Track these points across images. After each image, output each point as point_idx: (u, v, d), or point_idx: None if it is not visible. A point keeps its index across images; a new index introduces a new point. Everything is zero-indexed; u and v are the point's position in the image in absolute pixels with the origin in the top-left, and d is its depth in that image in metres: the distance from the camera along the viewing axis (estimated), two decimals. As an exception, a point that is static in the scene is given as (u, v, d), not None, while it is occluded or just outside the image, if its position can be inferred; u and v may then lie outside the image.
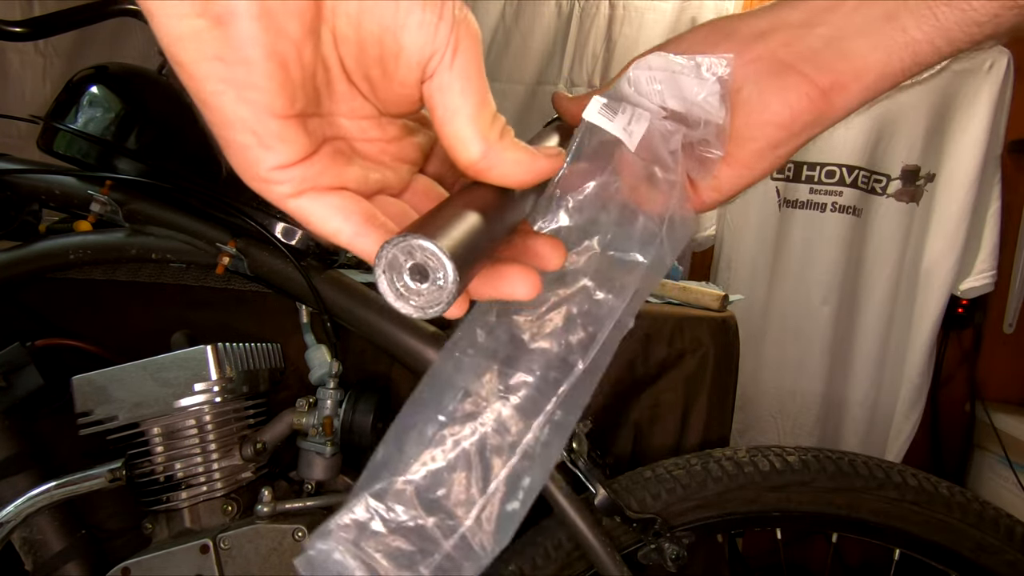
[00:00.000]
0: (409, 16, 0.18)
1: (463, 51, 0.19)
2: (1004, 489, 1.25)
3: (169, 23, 0.17)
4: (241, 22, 0.16)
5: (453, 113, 0.20)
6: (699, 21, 1.27)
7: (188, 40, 0.17)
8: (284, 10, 0.17)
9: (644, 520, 0.66)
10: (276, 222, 0.67)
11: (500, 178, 0.22)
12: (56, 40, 1.26)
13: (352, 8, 0.18)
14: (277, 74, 0.17)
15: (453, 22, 0.19)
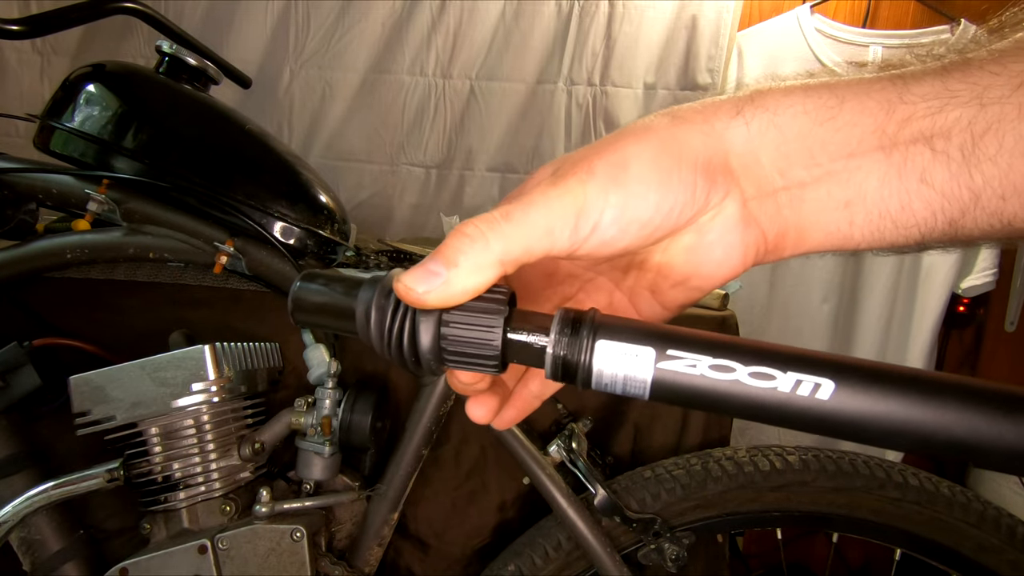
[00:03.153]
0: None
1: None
2: (1005, 488, 1.24)
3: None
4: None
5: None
6: (699, 20, 1.27)
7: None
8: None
9: (644, 520, 0.66)
10: (274, 221, 0.67)
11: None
12: (54, 38, 1.26)
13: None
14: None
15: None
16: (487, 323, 0.22)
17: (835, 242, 0.26)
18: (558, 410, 0.74)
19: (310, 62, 1.31)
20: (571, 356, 0.22)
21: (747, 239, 0.26)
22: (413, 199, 1.37)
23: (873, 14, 1.32)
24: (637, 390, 0.21)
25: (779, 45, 1.29)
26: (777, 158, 0.25)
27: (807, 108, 0.25)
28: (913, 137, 0.23)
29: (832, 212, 0.25)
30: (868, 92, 0.24)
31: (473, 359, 0.23)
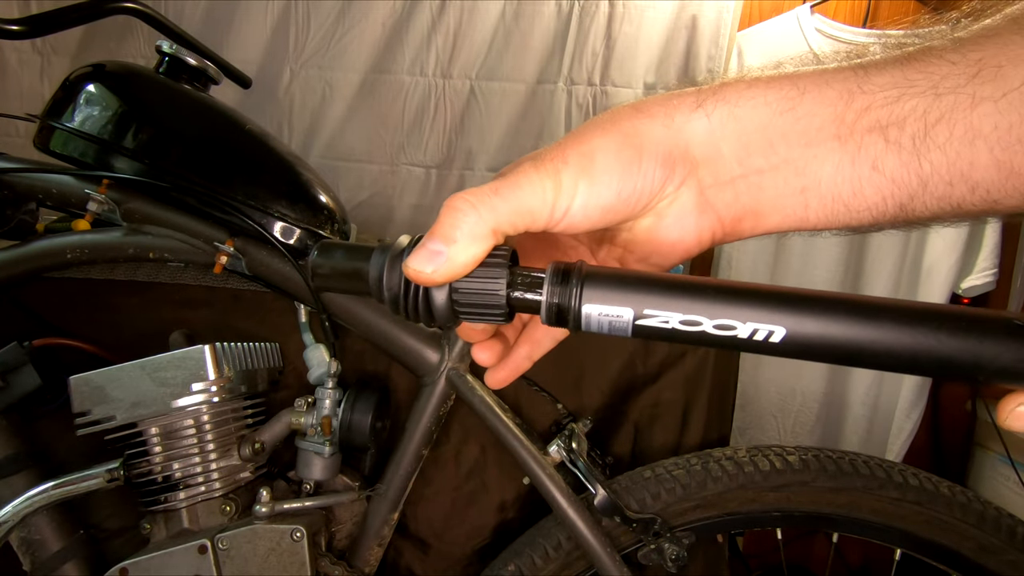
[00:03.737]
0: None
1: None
2: (1006, 488, 1.24)
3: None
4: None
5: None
6: (699, 20, 1.27)
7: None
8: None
9: (644, 520, 0.66)
10: (274, 221, 0.67)
11: None
12: (54, 38, 1.26)
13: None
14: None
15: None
16: (493, 281, 0.25)
17: (791, 224, 0.27)
18: (558, 410, 0.74)
19: (310, 62, 1.31)
20: (563, 303, 0.25)
21: (702, 224, 0.28)
22: (413, 199, 1.37)
23: (873, 14, 1.32)
24: (621, 331, 0.25)
25: (779, 45, 1.28)
26: (737, 148, 0.26)
27: (768, 99, 0.26)
28: (869, 127, 0.24)
29: (788, 198, 0.26)
30: (829, 82, 0.25)
31: (483, 311, 0.26)
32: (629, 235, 0.30)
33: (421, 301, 0.25)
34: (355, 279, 0.26)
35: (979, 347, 0.20)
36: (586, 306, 0.24)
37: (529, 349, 0.33)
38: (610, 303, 0.24)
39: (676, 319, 0.23)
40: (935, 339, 0.21)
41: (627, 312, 0.24)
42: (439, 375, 0.68)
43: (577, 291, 0.24)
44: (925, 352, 0.21)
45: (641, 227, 0.29)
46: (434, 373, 0.69)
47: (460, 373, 0.68)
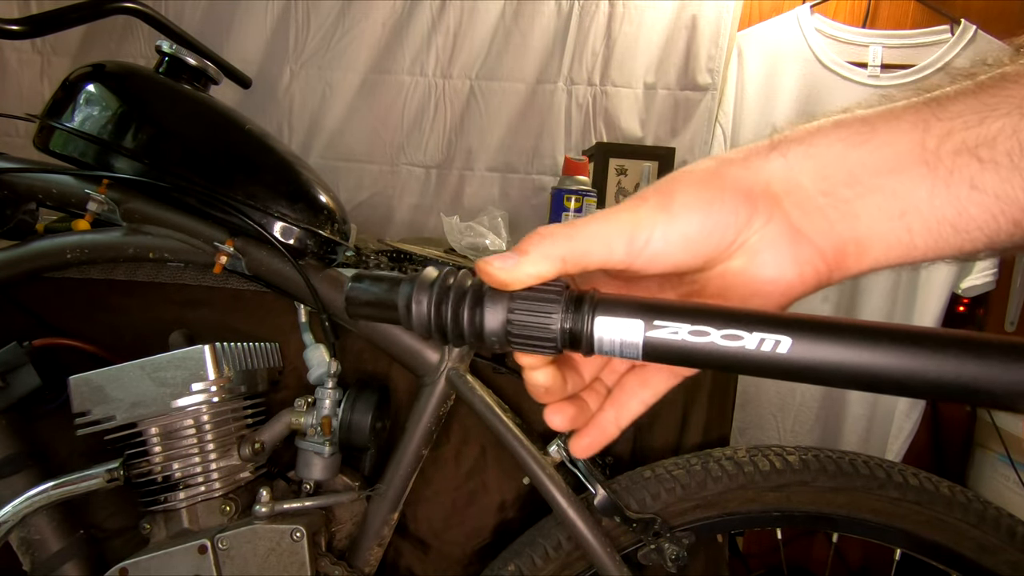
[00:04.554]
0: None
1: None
2: (1006, 488, 1.24)
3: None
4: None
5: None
6: (699, 20, 1.27)
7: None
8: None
9: (644, 520, 0.66)
10: (274, 221, 0.67)
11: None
12: (54, 38, 1.26)
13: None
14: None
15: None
16: (546, 305, 0.26)
17: (898, 254, 0.26)
18: (558, 410, 0.74)
19: (310, 62, 1.31)
20: (576, 328, 0.26)
21: (800, 256, 0.27)
22: (413, 199, 1.37)
23: (873, 14, 1.32)
24: (632, 354, 0.25)
25: (779, 45, 1.29)
26: (818, 180, 0.26)
27: (840, 136, 0.26)
28: (956, 149, 0.24)
29: (887, 223, 0.25)
30: (900, 116, 0.25)
31: (535, 339, 0.26)
32: (722, 281, 0.28)
33: (477, 323, 0.26)
34: (385, 308, 0.28)
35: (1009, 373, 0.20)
36: (598, 321, 0.25)
37: (616, 414, 0.32)
38: (621, 316, 0.25)
39: (685, 329, 0.24)
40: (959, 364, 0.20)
41: (637, 325, 0.24)
42: (439, 375, 0.68)
43: (590, 317, 0.25)
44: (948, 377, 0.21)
45: (734, 269, 0.28)
46: (434, 373, 0.69)
47: (460, 373, 0.68)
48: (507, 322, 0.26)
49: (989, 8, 1.28)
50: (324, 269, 0.70)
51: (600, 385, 0.33)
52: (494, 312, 0.26)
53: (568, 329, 0.25)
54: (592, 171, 1.22)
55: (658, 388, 0.31)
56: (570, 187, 1.06)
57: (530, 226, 1.44)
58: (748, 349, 0.23)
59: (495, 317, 0.26)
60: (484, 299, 0.26)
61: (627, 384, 0.32)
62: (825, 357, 0.22)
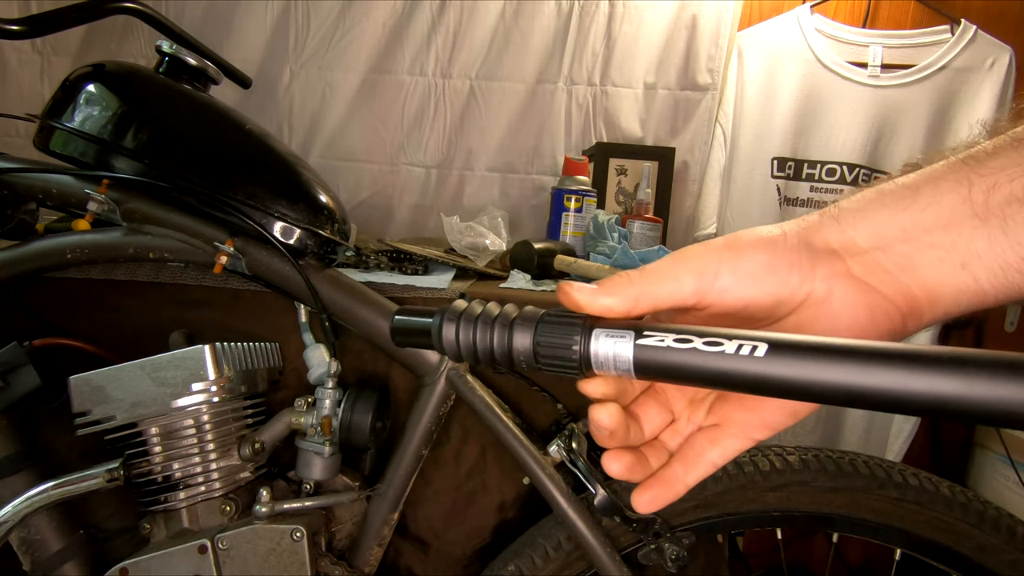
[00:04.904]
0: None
1: None
2: (1005, 488, 1.24)
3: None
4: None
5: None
6: (699, 20, 1.27)
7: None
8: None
9: (644, 520, 0.66)
10: (274, 221, 0.67)
11: None
12: (54, 38, 1.26)
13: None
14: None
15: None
16: (568, 328, 0.28)
17: (968, 299, 0.27)
18: (558, 410, 0.74)
19: (310, 62, 1.31)
20: (584, 348, 0.28)
21: (870, 302, 0.28)
22: (413, 199, 1.37)
23: (873, 14, 1.32)
24: (624, 367, 0.27)
25: (779, 45, 1.29)
26: (872, 239, 0.28)
27: (884, 202, 0.28)
28: (1005, 200, 0.25)
29: (951, 274, 0.26)
30: (941, 177, 0.27)
31: (558, 359, 0.29)
32: (796, 330, 0.29)
33: (507, 345, 0.29)
34: (422, 336, 0.32)
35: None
36: (595, 335, 0.27)
37: (684, 470, 0.32)
38: (616, 328, 0.27)
39: (670, 338, 0.25)
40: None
41: (628, 335, 0.26)
42: (439, 375, 0.68)
43: (586, 334, 0.27)
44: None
45: (807, 318, 0.29)
46: (434, 373, 0.69)
47: (460, 373, 0.68)
48: (535, 343, 0.28)
49: (989, 8, 1.28)
50: (324, 269, 0.70)
51: (660, 446, 0.33)
52: (523, 335, 0.29)
53: (581, 351, 0.27)
54: (592, 171, 1.22)
55: (728, 449, 0.31)
56: (570, 187, 1.06)
57: (530, 226, 1.44)
58: (728, 354, 0.24)
59: (524, 339, 0.29)
60: (514, 324, 0.29)
61: (696, 442, 0.32)
62: (801, 367, 0.22)
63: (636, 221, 1.06)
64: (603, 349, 0.27)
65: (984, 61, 1.21)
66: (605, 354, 0.27)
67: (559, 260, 0.91)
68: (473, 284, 0.81)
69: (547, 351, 0.28)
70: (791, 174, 1.30)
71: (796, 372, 0.23)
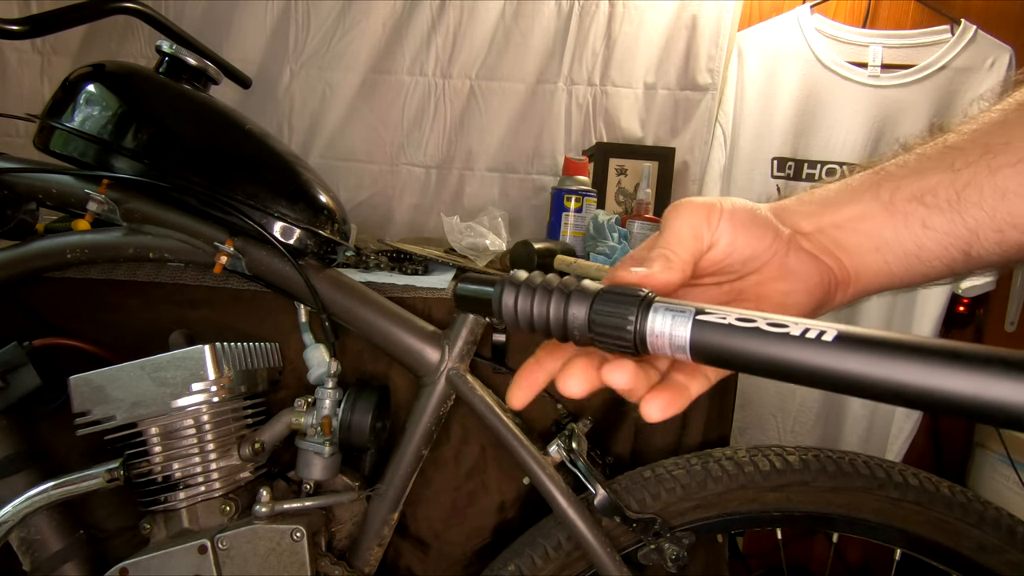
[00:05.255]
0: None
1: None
2: (1005, 488, 1.24)
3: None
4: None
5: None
6: (699, 20, 1.27)
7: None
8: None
9: (644, 520, 0.66)
10: (274, 221, 0.67)
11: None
12: (54, 38, 1.26)
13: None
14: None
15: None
16: (621, 309, 0.28)
17: (882, 281, 0.33)
18: (558, 410, 0.74)
19: (310, 62, 1.31)
20: (639, 326, 0.27)
21: (819, 266, 0.33)
22: (413, 199, 1.37)
23: (873, 14, 1.32)
24: (680, 345, 0.26)
25: (779, 45, 1.28)
26: (811, 224, 0.34)
27: (815, 200, 0.35)
28: (907, 198, 0.31)
29: (868, 255, 0.33)
30: (858, 182, 0.34)
31: (611, 334, 0.28)
32: (758, 289, 0.34)
33: (564, 317, 0.29)
34: (482, 304, 0.32)
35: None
36: (654, 310, 0.27)
37: (685, 378, 0.32)
38: (675, 303, 0.27)
39: (732, 316, 0.25)
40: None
41: (688, 310, 0.26)
42: (439, 375, 0.68)
43: (643, 312, 0.27)
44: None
45: (769, 275, 0.33)
46: (434, 373, 0.69)
47: (460, 373, 0.68)
48: (591, 316, 0.28)
49: (989, 8, 1.28)
50: (324, 269, 0.70)
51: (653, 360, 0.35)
52: (579, 307, 0.28)
53: (637, 328, 0.27)
54: (592, 171, 1.22)
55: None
56: (570, 187, 1.06)
57: (530, 226, 1.44)
58: (792, 336, 0.23)
59: (580, 311, 0.28)
60: (572, 295, 0.29)
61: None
62: (870, 361, 0.21)
63: (636, 221, 1.06)
64: (659, 326, 0.26)
65: (984, 61, 1.21)
66: (661, 331, 0.26)
67: (559, 260, 0.91)
68: (473, 284, 0.81)
69: (602, 324, 0.28)
70: (791, 174, 1.30)
71: (866, 364, 0.21)
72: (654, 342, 0.27)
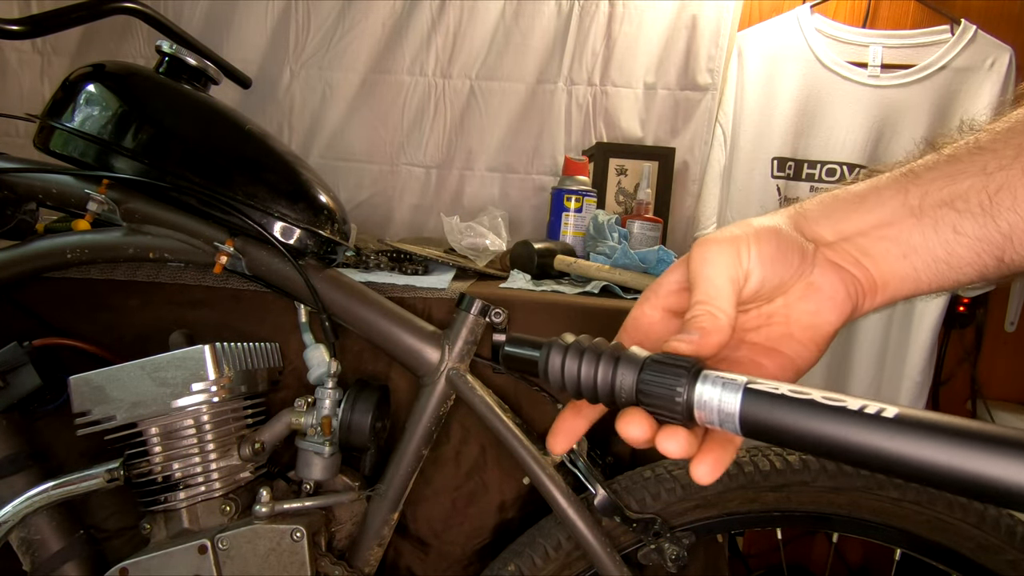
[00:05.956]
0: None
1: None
2: (1005, 488, 1.24)
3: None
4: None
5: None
6: (699, 21, 1.27)
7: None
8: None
9: (644, 520, 0.66)
10: (274, 221, 0.67)
11: None
12: (54, 38, 1.26)
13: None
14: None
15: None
16: (673, 377, 0.28)
17: (909, 287, 0.32)
18: (558, 410, 0.74)
19: (310, 62, 1.31)
20: (689, 395, 0.27)
21: (844, 278, 0.33)
22: (413, 199, 1.37)
23: (873, 14, 1.32)
24: (729, 417, 0.25)
25: (779, 45, 1.28)
26: (835, 233, 0.33)
27: (839, 205, 0.33)
28: (936, 204, 0.30)
29: (896, 263, 0.32)
30: (884, 185, 0.32)
31: (662, 403, 0.28)
32: (787, 311, 0.34)
33: (612, 384, 0.29)
34: (531, 365, 0.33)
35: None
36: (702, 379, 0.26)
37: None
38: (725, 374, 0.26)
39: (784, 387, 0.24)
40: None
41: (738, 379, 0.25)
42: (439, 375, 0.69)
43: (691, 384, 0.27)
44: None
45: (796, 295, 0.33)
46: (434, 373, 0.69)
47: (460, 373, 0.68)
48: (639, 384, 0.28)
49: (989, 8, 1.28)
50: (324, 269, 0.70)
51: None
52: (628, 373, 0.29)
53: (686, 398, 0.27)
54: (592, 171, 1.22)
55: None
56: (570, 187, 1.06)
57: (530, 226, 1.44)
58: (850, 411, 0.21)
59: (628, 377, 0.29)
60: (620, 361, 0.29)
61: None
62: (933, 446, 0.19)
63: (636, 221, 1.06)
64: (708, 395, 0.26)
65: (984, 61, 1.21)
66: (710, 403, 0.26)
67: (559, 260, 0.91)
68: (473, 284, 0.81)
69: (651, 394, 0.28)
70: (791, 174, 1.30)
71: (930, 449, 0.19)
72: (703, 415, 0.26)
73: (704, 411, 0.26)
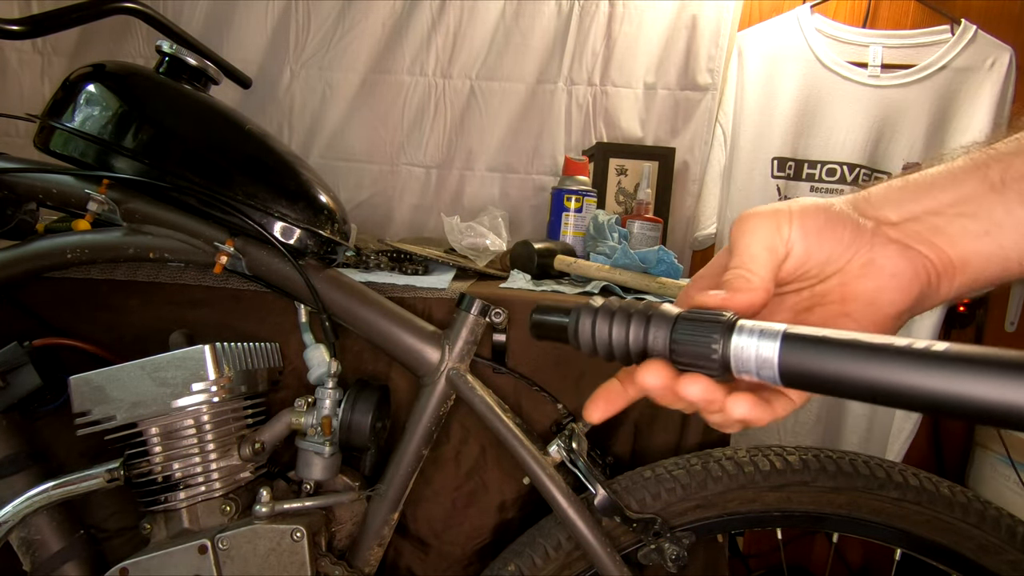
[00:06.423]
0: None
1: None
2: (1006, 488, 1.24)
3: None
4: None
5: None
6: (699, 21, 1.27)
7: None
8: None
9: (644, 520, 0.66)
10: (274, 221, 0.67)
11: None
12: (54, 38, 1.26)
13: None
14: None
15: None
16: (704, 330, 0.27)
17: (996, 267, 0.30)
18: (558, 410, 0.74)
19: (310, 62, 1.31)
20: (725, 348, 0.26)
21: (911, 256, 0.31)
22: (413, 199, 1.37)
23: (873, 14, 1.32)
24: (768, 366, 0.24)
25: (779, 45, 1.28)
26: (903, 213, 0.31)
27: (909, 188, 0.31)
28: (1018, 176, 0.28)
29: (976, 240, 0.30)
30: (960, 165, 0.30)
31: (697, 358, 0.27)
32: (842, 290, 0.32)
33: (644, 341, 0.29)
34: (561, 331, 0.32)
35: None
36: (738, 330, 0.26)
37: (771, 395, 0.31)
38: (762, 324, 0.25)
39: (825, 331, 0.23)
40: None
41: (776, 327, 0.25)
42: (439, 375, 0.69)
43: (727, 334, 0.26)
44: None
45: (853, 273, 0.32)
46: (434, 373, 0.69)
47: (460, 373, 0.68)
48: (671, 340, 0.28)
49: (989, 8, 1.28)
50: (324, 269, 0.70)
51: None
52: (659, 331, 0.28)
53: (722, 351, 0.26)
54: (592, 171, 1.22)
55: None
56: (570, 187, 1.06)
57: (530, 226, 1.44)
58: (896, 347, 0.20)
59: (660, 335, 0.28)
60: (651, 320, 0.28)
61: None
62: (983, 371, 0.18)
63: (636, 221, 1.06)
64: (744, 343, 0.25)
65: (984, 61, 1.21)
66: (747, 354, 0.25)
67: (559, 260, 0.91)
68: (473, 284, 0.81)
69: (684, 350, 0.27)
70: (791, 174, 1.30)
71: (983, 384, 0.18)
72: (740, 365, 0.25)
73: (740, 361, 0.25)
